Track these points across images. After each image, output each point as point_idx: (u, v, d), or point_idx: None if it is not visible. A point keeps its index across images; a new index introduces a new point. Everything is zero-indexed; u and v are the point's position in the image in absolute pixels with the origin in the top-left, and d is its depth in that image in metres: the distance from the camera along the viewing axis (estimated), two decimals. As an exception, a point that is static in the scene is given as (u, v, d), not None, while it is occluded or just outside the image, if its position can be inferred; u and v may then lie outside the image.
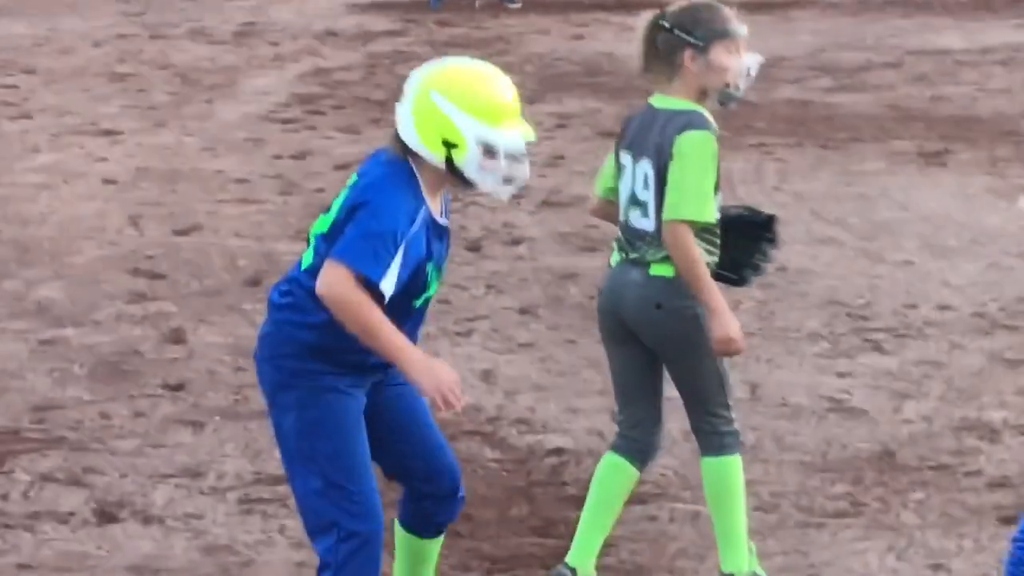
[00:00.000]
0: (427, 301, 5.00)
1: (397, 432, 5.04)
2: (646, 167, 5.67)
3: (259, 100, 14.37)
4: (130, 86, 15.05)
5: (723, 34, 5.62)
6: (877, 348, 8.60)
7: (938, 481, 7.03)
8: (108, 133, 13.17)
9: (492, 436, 7.50)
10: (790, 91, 13.83)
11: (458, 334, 8.72)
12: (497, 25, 17.59)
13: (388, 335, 4.71)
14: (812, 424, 7.78)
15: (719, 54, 5.57)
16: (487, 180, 4.78)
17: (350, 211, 4.82)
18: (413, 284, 4.85)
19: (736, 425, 5.68)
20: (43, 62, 16.09)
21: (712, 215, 5.55)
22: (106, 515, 6.67)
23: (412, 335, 4.97)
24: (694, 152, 5.56)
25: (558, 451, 6.94)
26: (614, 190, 5.83)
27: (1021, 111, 13.07)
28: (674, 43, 5.57)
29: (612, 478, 5.88)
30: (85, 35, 17.46)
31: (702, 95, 5.66)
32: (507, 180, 4.84)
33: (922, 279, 9.53)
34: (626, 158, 5.77)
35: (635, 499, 6.38)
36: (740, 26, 5.70)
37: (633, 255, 5.68)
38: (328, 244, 4.86)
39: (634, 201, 5.68)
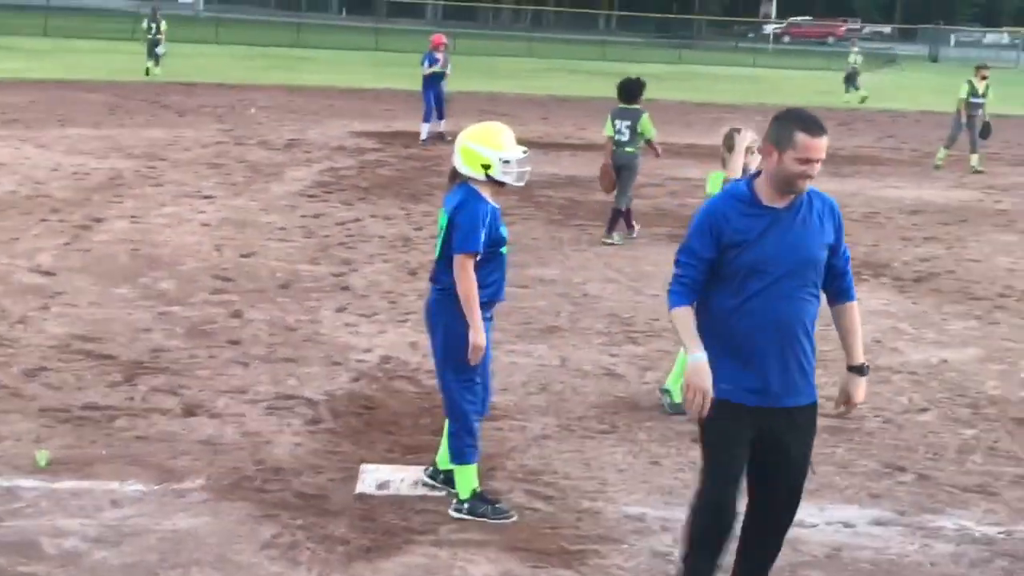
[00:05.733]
0: (505, 251, 6.71)
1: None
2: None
3: (296, 183, 19.21)
4: (221, 171, 20.02)
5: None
6: (634, 341, 11.01)
7: (660, 417, 8.84)
8: (206, 197, 17.42)
9: (413, 378, 9.42)
10: (600, 196, 17.68)
11: (400, 321, 11.26)
12: (436, 149, 23.29)
13: (476, 305, 6.53)
14: (593, 382, 9.66)
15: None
16: (508, 178, 6.69)
17: (452, 222, 6.61)
18: (496, 241, 6.64)
19: None
20: (171, 154, 21.53)
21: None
22: (189, 411, 8.39)
23: (503, 274, 6.80)
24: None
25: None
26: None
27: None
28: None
29: None
30: (196, 140, 23.05)
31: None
32: (520, 176, 6.73)
33: (663, 304, 10.79)
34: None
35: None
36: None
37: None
38: (446, 243, 6.64)
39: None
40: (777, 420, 5.29)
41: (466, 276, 6.48)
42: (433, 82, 24.47)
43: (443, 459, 7.14)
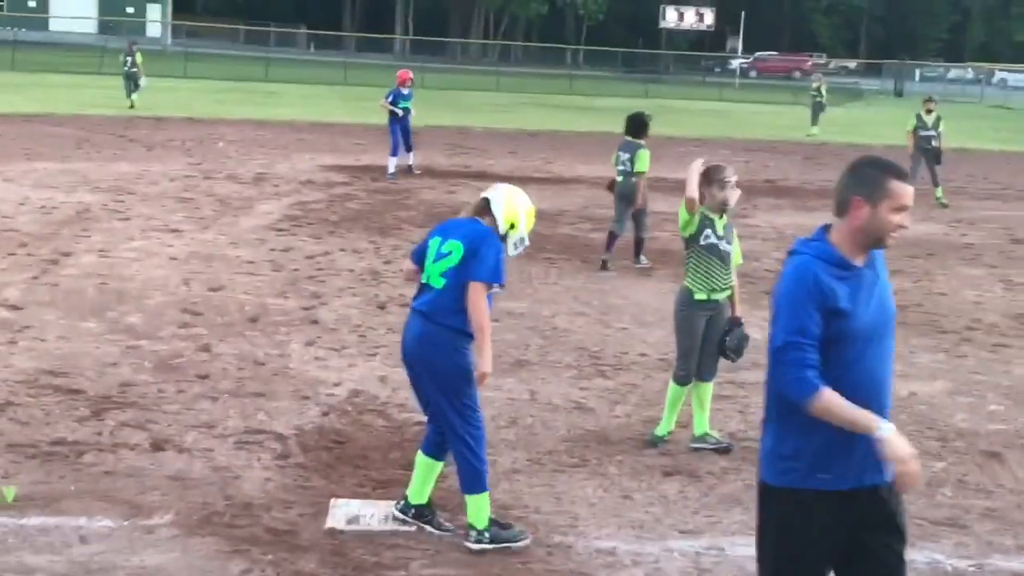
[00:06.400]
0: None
1: None
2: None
3: (265, 217, 19.39)
4: (189, 205, 20.09)
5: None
6: (604, 375, 11.10)
7: (630, 451, 8.90)
8: (174, 231, 17.48)
9: (383, 412, 9.56)
10: (567, 230, 19.40)
11: (369, 355, 11.24)
12: (404, 183, 23.62)
13: (488, 332, 6.65)
14: (563, 416, 9.75)
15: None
16: (512, 247, 7.00)
17: (473, 251, 6.76)
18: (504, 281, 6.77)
19: None
20: (139, 188, 21.68)
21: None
22: (157, 446, 8.45)
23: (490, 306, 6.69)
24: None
25: (419, 423, 8.52)
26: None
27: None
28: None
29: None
30: (165, 174, 23.20)
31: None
32: (512, 257, 7.07)
33: (631, 338, 12.56)
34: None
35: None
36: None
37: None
38: (458, 273, 6.76)
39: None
40: (865, 502, 4.78)
41: (483, 306, 6.64)
42: (399, 117, 24.86)
43: (414, 493, 7.17)
